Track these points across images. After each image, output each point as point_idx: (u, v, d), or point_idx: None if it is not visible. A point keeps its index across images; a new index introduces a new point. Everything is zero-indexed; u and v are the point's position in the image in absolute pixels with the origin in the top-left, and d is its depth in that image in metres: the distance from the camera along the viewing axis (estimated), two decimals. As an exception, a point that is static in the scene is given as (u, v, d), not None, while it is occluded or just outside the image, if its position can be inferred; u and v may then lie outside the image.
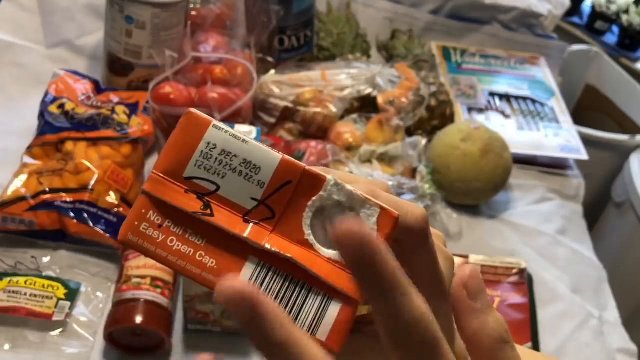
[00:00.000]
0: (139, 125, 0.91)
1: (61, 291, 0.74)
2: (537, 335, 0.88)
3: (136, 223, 0.29)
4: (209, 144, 0.29)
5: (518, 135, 1.14)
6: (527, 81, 1.28)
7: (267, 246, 0.28)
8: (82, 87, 0.97)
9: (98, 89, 0.99)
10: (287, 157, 0.29)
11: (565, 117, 1.21)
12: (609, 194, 1.54)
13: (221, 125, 0.29)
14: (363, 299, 0.28)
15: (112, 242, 0.79)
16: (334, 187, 0.29)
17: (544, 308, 0.92)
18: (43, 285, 0.74)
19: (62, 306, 0.73)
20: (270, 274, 0.28)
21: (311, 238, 0.29)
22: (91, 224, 0.79)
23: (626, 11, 1.78)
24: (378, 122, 0.96)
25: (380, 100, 0.99)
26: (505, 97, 1.23)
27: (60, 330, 0.72)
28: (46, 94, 0.94)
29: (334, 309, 0.28)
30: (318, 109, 0.96)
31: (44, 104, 0.92)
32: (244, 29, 1.06)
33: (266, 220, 0.29)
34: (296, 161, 0.29)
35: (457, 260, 0.32)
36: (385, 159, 0.94)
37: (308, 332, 0.28)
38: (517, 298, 0.90)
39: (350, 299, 0.28)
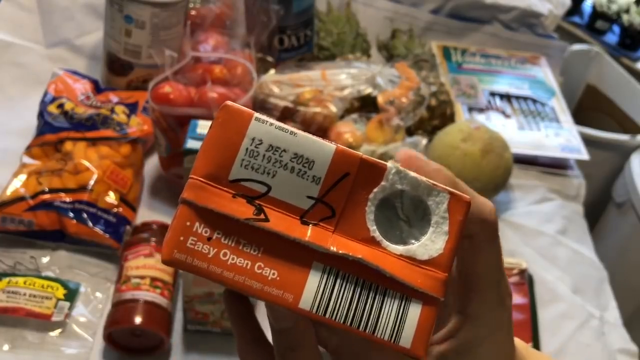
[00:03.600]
0: (138, 125, 0.91)
1: (60, 291, 0.74)
2: (537, 335, 0.88)
3: (181, 238, 0.25)
4: (253, 139, 0.26)
5: (518, 135, 1.14)
6: (527, 81, 1.27)
7: (333, 249, 0.26)
8: (82, 87, 0.96)
9: (97, 88, 0.98)
10: (341, 146, 0.26)
11: (565, 117, 1.21)
12: (609, 194, 1.53)
13: (264, 117, 0.26)
14: (444, 295, 0.26)
15: (111, 243, 0.79)
16: (396, 175, 0.26)
17: (544, 308, 0.91)
18: (42, 286, 0.73)
19: (61, 306, 0.72)
20: (339, 280, 0.26)
21: (377, 234, 0.26)
22: (90, 224, 0.79)
23: (627, 11, 1.77)
24: (378, 122, 0.96)
25: (380, 100, 0.99)
26: (506, 97, 1.23)
27: (59, 330, 0.72)
28: (45, 94, 0.94)
29: (414, 311, 0.26)
30: (318, 109, 0.96)
31: (43, 104, 0.92)
32: (243, 28, 1.05)
33: (326, 220, 0.26)
34: (352, 150, 0.26)
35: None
36: (386, 159, 0.93)
37: (390, 340, 0.25)
38: (517, 298, 0.90)
39: (430, 297, 0.26)
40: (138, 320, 0.69)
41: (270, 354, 0.29)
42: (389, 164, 0.26)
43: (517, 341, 0.34)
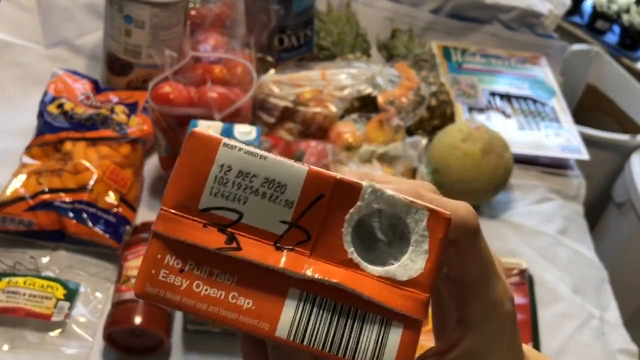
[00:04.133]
0: (138, 125, 0.91)
1: (60, 291, 0.74)
2: (537, 335, 0.88)
3: (153, 272, 0.25)
4: (222, 166, 0.25)
5: (519, 135, 1.14)
6: (527, 81, 1.27)
7: (309, 274, 0.25)
8: (82, 87, 0.96)
9: (97, 88, 0.98)
10: (314, 168, 0.26)
11: (565, 117, 1.21)
12: (609, 194, 1.53)
13: (232, 142, 0.26)
14: (426, 317, 0.25)
15: (111, 243, 0.79)
16: (372, 194, 0.26)
17: (544, 308, 0.91)
18: (42, 286, 0.73)
19: (61, 307, 0.72)
20: (316, 307, 0.25)
21: (355, 256, 0.26)
22: (90, 224, 0.79)
23: (627, 11, 1.77)
24: (378, 122, 0.96)
25: (380, 100, 0.99)
26: (506, 97, 1.23)
27: (59, 330, 0.72)
28: (45, 94, 0.93)
29: (395, 335, 0.25)
30: (318, 109, 0.96)
31: (43, 104, 0.92)
32: (243, 28, 1.05)
33: (302, 244, 0.25)
34: (325, 171, 0.26)
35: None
36: (386, 159, 0.93)
37: None
38: (517, 298, 0.90)
39: (411, 319, 0.25)
40: (138, 320, 0.69)
41: None
42: (364, 182, 0.26)
43: (525, 347, 0.33)
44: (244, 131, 0.79)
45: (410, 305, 0.25)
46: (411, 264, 0.26)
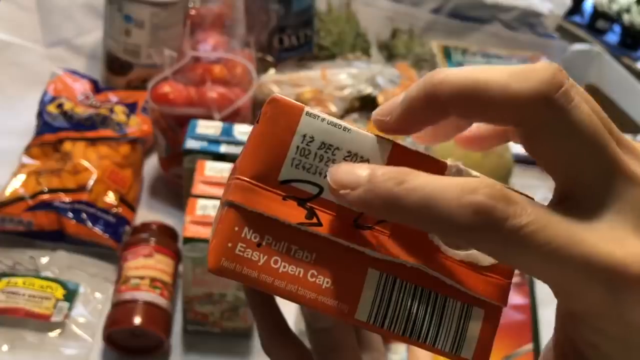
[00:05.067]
0: (137, 125, 0.91)
1: (60, 292, 0.73)
2: (538, 336, 0.87)
3: (229, 245, 0.23)
4: (304, 136, 0.24)
5: (519, 135, 1.14)
6: (528, 80, 1.27)
7: (390, 255, 0.24)
8: (81, 87, 0.96)
9: (97, 88, 0.98)
10: (398, 142, 0.25)
11: (566, 117, 1.21)
12: (610, 194, 1.53)
13: (315, 111, 0.24)
14: (506, 304, 0.25)
15: (111, 243, 0.79)
16: (457, 174, 0.25)
17: (545, 308, 0.91)
18: (41, 286, 0.73)
19: (60, 307, 0.72)
20: (396, 289, 0.24)
21: (436, 238, 0.25)
22: (89, 225, 0.78)
23: (628, 10, 1.77)
24: (378, 122, 0.96)
25: (380, 99, 0.99)
26: (506, 97, 1.22)
27: (58, 331, 0.72)
28: (44, 94, 0.93)
29: (476, 320, 0.24)
30: (318, 109, 0.95)
31: (42, 104, 0.92)
32: (243, 28, 1.05)
33: (381, 223, 0.24)
34: (410, 147, 0.25)
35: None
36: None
37: (451, 352, 0.24)
38: (518, 299, 0.90)
39: (492, 306, 0.24)
40: (137, 320, 0.68)
41: (298, 347, 0.28)
42: (449, 161, 0.25)
43: None
44: (244, 131, 0.79)
45: (493, 291, 0.24)
46: None
